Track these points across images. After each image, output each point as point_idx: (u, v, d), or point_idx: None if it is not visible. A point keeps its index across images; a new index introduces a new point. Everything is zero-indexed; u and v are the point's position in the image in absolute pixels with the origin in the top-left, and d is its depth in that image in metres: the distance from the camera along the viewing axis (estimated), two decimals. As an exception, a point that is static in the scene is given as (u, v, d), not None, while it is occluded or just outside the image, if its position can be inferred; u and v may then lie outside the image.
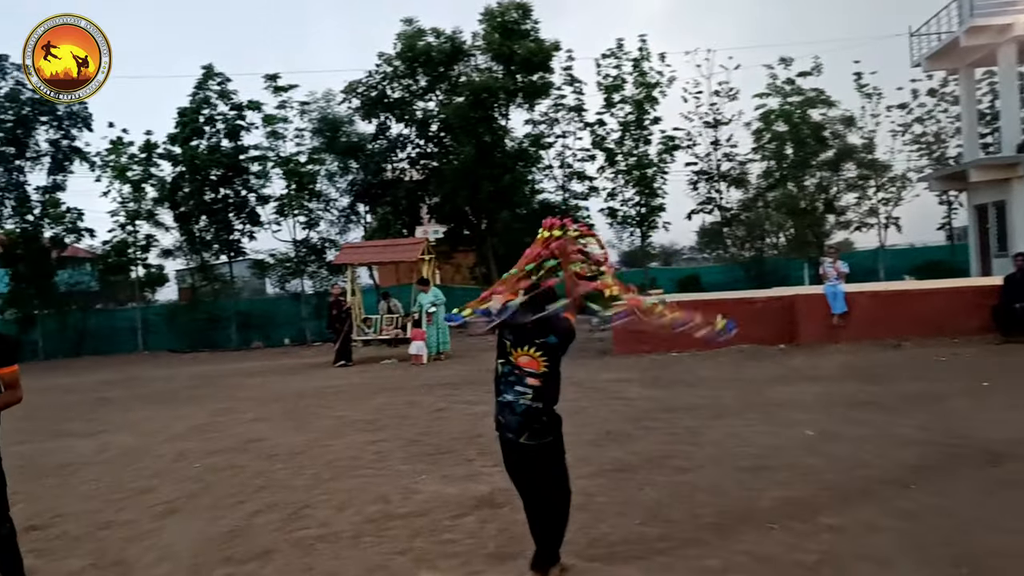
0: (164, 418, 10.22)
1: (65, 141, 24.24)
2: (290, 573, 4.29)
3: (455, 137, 23.60)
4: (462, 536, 4.69)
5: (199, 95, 23.97)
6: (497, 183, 22.80)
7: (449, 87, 24.03)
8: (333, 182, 24.89)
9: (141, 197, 24.28)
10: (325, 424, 8.90)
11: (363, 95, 24.21)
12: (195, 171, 23.68)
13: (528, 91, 23.71)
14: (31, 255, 23.75)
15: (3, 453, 4.05)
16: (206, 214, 24.27)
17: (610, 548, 4.34)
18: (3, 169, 23.78)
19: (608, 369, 12.07)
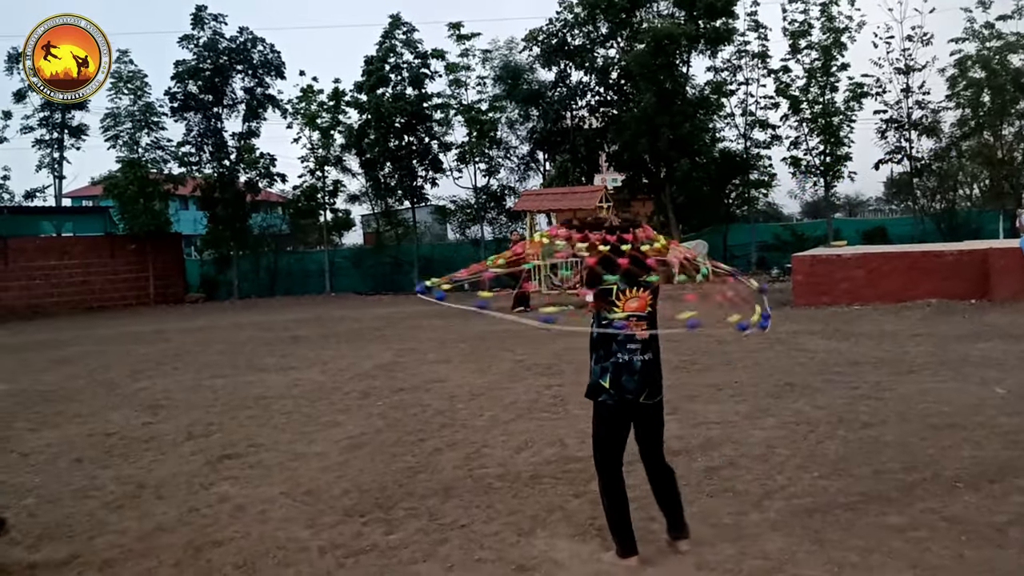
0: (351, 357, 13.90)
1: (259, 89, 34.56)
2: (470, 510, 5.74)
3: (635, 85, 31.99)
4: (638, 481, 5.56)
5: (386, 44, 33.65)
6: (677, 131, 30.98)
7: (630, 34, 32.40)
8: (513, 130, 34.35)
9: (329, 144, 34.37)
10: (504, 367, 11.85)
11: (544, 43, 33.10)
12: (380, 119, 33.29)
13: (711, 37, 31.49)
14: (227, 199, 34.27)
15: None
16: (390, 161, 34.05)
17: (788, 500, 5.63)
18: (202, 116, 34.21)
19: (788, 320, 15.44)
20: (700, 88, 32.56)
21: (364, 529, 5.62)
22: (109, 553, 5.43)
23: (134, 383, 12.55)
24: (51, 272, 31.07)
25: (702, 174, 32.00)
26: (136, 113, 32.51)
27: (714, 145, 32.91)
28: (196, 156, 34.22)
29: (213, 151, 34.40)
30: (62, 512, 6.34)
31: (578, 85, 33.65)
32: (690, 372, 10.80)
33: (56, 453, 8.27)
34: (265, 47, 34.56)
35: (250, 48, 34.26)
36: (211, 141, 34.38)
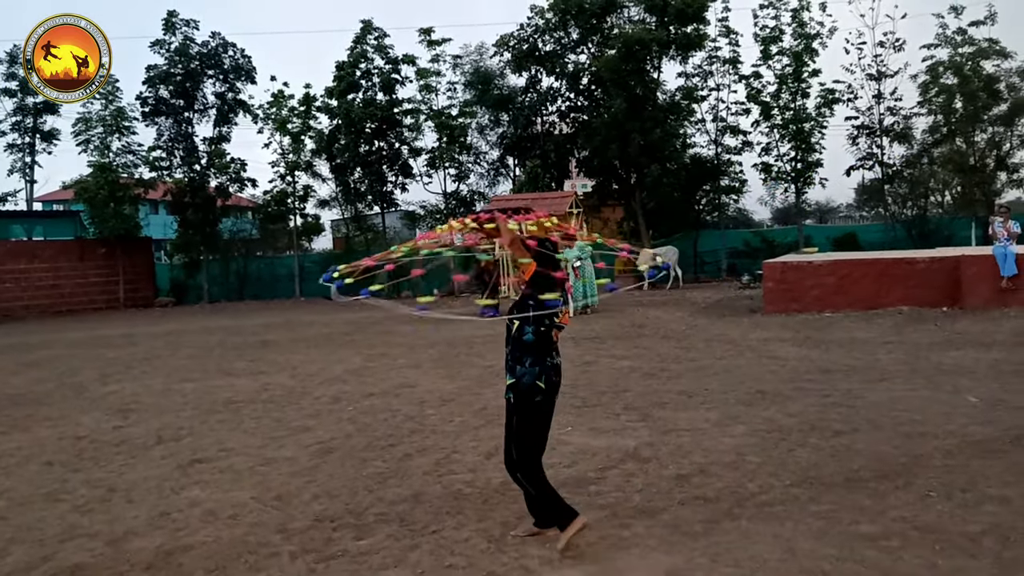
0: (321, 361, 13.96)
1: (230, 94, 34.38)
2: (440, 516, 5.77)
3: (606, 90, 32.15)
4: (609, 489, 6.06)
5: (357, 49, 33.58)
6: (647, 137, 31.14)
7: (601, 39, 32.61)
8: (483, 135, 34.38)
9: (300, 149, 34.23)
10: (474, 373, 11.91)
11: (515, 48, 33.16)
12: (351, 124, 33.20)
13: (682, 43, 31.69)
14: (198, 203, 34.03)
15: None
16: (361, 166, 33.97)
17: (759, 508, 5.64)
18: (173, 121, 34.00)
19: (759, 328, 15.64)
20: (671, 94, 32.79)
21: (335, 534, 5.61)
22: (80, 557, 5.40)
23: (104, 387, 12.47)
24: (21, 276, 30.74)
25: (672, 180, 32.13)
26: (107, 118, 32.30)
27: (685, 151, 33.07)
28: (167, 161, 34.09)
29: (184, 156, 34.22)
30: (33, 516, 6.30)
31: (548, 91, 33.79)
32: (660, 379, 10.84)
33: (26, 456, 8.21)
34: (236, 52, 34.42)
35: (221, 53, 34.12)
36: (182, 146, 34.22)
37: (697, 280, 31.17)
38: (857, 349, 12.61)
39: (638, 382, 10.67)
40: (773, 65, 31.73)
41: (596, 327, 17.43)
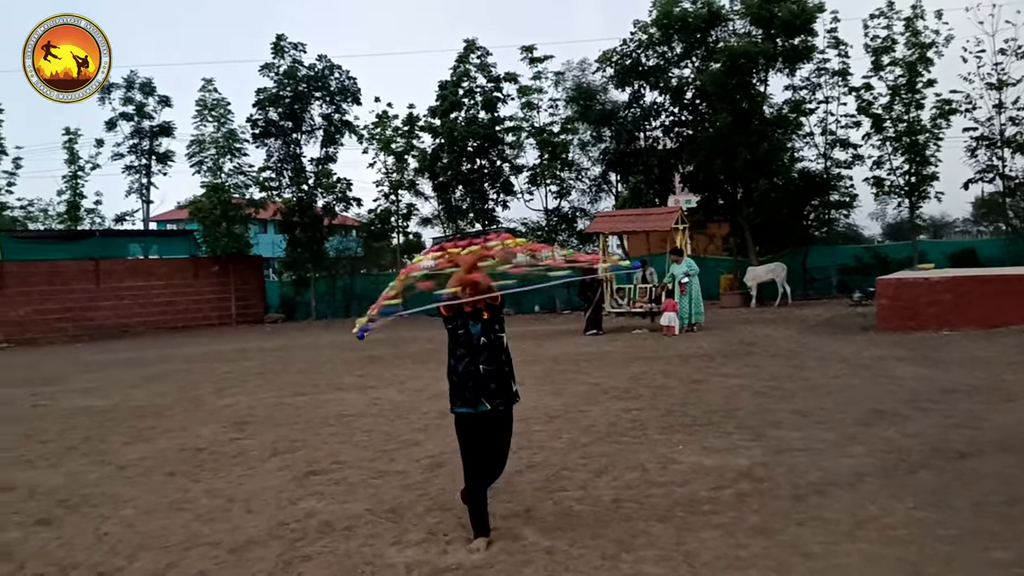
0: (427, 377, 14.01)
1: (337, 115, 35.30)
2: (552, 532, 5.75)
3: (710, 104, 31.86)
4: (723, 508, 6.04)
5: (460, 68, 34.07)
6: (754, 151, 30.76)
7: (705, 53, 32.34)
8: (585, 151, 34.37)
9: (403, 168, 34.90)
10: (580, 390, 11.89)
11: (617, 64, 33.14)
12: (453, 142, 33.64)
13: (789, 55, 31.20)
14: (305, 222, 34.97)
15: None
16: (462, 184, 34.38)
17: (881, 531, 5.48)
18: (282, 142, 35.06)
19: (873, 346, 15.39)
20: (778, 107, 32.21)
21: (448, 548, 5.69)
22: (203, 564, 5.60)
23: (220, 400, 12.90)
24: (139, 292, 32.04)
25: (780, 195, 31.54)
26: (219, 140, 33.55)
27: (792, 165, 32.46)
28: (276, 181, 35.16)
29: (292, 176, 35.18)
30: (158, 523, 6.55)
31: (652, 105, 33.61)
32: (772, 398, 10.67)
33: (150, 467, 8.55)
34: (342, 74, 35.31)
35: (328, 75, 35.02)
36: (290, 166, 35.19)
37: (807, 297, 30.53)
38: (979, 368, 12.16)
39: (749, 401, 10.52)
40: (885, 76, 30.97)
41: (704, 344, 17.29)
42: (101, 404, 13.06)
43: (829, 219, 33.32)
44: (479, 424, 5.73)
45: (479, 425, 5.73)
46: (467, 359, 5.70)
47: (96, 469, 8.55)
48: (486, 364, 5.69)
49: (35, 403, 13.53)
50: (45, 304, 29.86)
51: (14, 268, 29.49)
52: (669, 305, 20.62)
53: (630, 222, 25.55)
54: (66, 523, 6.69)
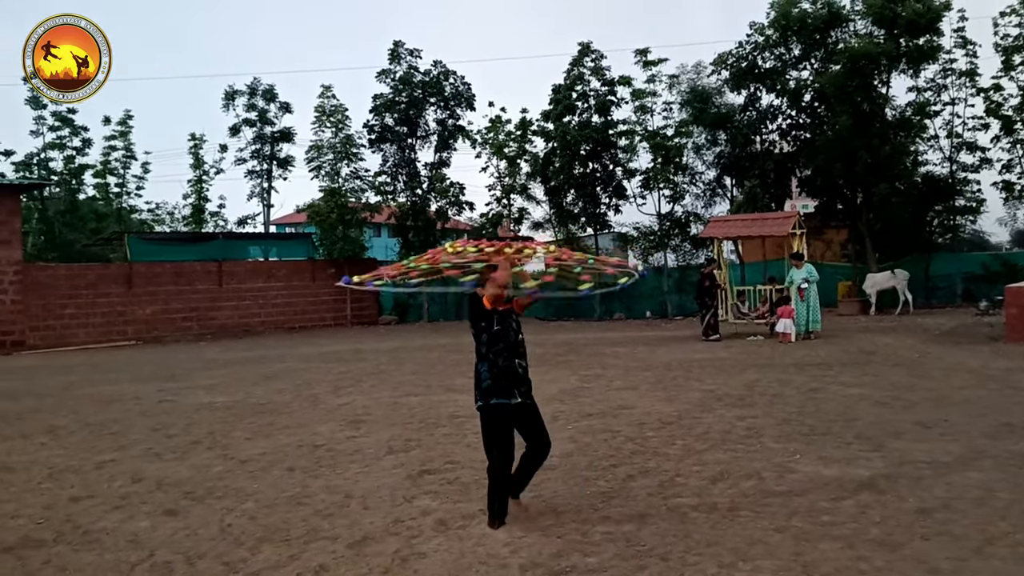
0: (536, 381, 14.93)
1: (451, 120, 35.82)
2: (667, 538, 5.71)
3: (829, 107, 31.06)
4: (843, 519, 5.88)
5: (573, 72, 34.12)
6: (875, 155, 29.85)
7: (824, 55, 31.60)
8: (700, 155, 33.96)
9: (516, 172, 35.14)
10: (694, 396, 11.82)
11: (733, 66, 32.63)
12: (566, 146, 33.67)
13: (913, 56, 30.13)
14: (419, 226, 35.56)
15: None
16: (574, 188, 34.38)
17: (1013, 549, 5.30)
18: (397, 147, 35.79)
19: (1001, 357, 14.99)
20: (901, 109, 31.22)
21: (563, 550, 5.69)
22: (323, 558, 5.74)
23: (336, 399, 13.20)
24: (259, 293, 33.09)
25: (902, 200, 30.55)
26: (337, 145, 34.42)
27: (916, 169, 31.45)
28: (391, 185, 35.95)
29: (407, 180, 35.89)
30: (279, 517, 6.75)
31: (768, 108, 32.99)
32: (893, 408, 10.36)
33: (270, 462, 8.81)
34: (456, 79, 35.80)
35: (442, 81, 35.57)
36: (405, 171, 35.91)
37: (929, 306, 29.43)
38: (1123, 381, 11.64)
39: (869, 411, 10.24)
40: (1016, 76, 29.80)
41: (821, 353, 16.92)
42: (223, 400, 13.52)
43: (954, 225, 32.16)
44: (512, 414, 6.20)
45: (512, 415, 6.21)
46: (505, 354, 6.18)
47: (219, 463, 8.86)
48: (521, 359, 6.30)
49: (162, 399, 14.07)
50: (171, 304, 31.10)
51: (142, 269, 30.79)
52: (785, 312, 20.22)
53: (746, 227, 24.98)
54: (192, 514, 6.95)
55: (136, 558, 5.90)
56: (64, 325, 28.49)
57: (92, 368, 20.30)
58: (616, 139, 34.10)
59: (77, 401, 14.12)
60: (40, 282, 28.23)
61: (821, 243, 32.88)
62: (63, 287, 28.74)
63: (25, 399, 14.68)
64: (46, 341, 27.58)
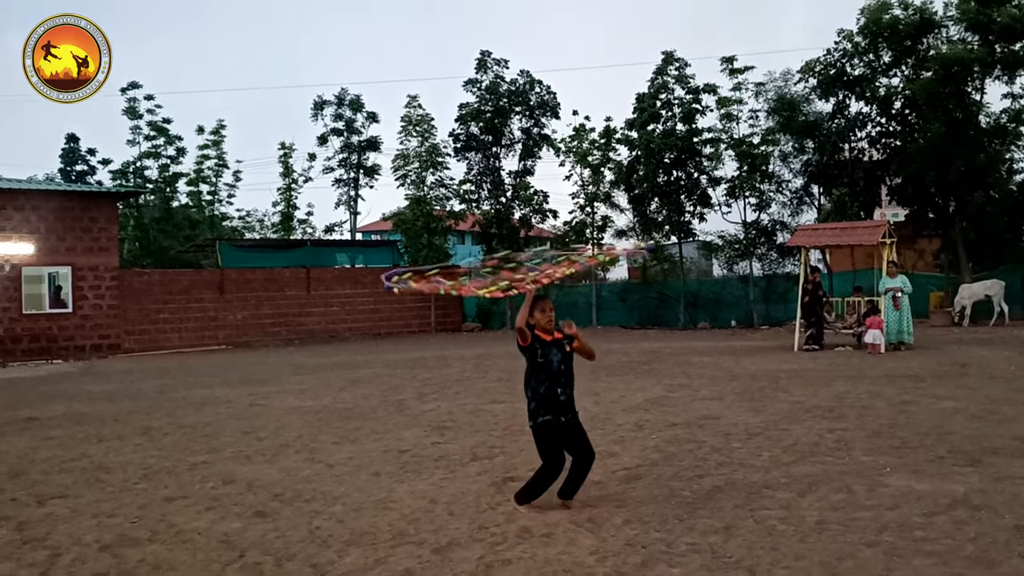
0: (622, 389, 14.11)
1: (535, 129, 35.96)
2: (754, 551, 5.62)
3: (920, 114, 30.35)
4: (937, 535, 5.71)
5: (658, 80, 33.92)
6: (969, 162, 29.06)
7: (916, 61, 30.85)
8: (786, 163, 33.42)
9: (599, 180, 35.07)
10: (781, 407, 11.58)
11: (821, 74, 32.07)
12: (650, 154, 33.50)
13: (1007, 62, 29.16)
14: (503, 234, 35.73)
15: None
16: (659, 196, 34.16)
17: None
18: (481, 155, 36.08)
19: None
20: (995, 116, 30.33)
21: (648, 560, 5.62)
22: (409, 563, 5.77)
23: (421, 404, 13.33)
24: (346, 300, 33.65)
25: (997, 208, 29.61)
26: (423, 154, 34.84)
27: (1011, 177, 30.54)
28: (475, 193, 36.22)
29: (491, 188, 36.13)
30: (366, 521, 6.81)
31: (857, 116, 32.34)
32: (989, 422, 10.01)
33: (357, 466, 8.92)
34: (542, 89, 35.93)
35: (528, 90, 35.73)
36: (489, 179, 36.17)
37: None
38: None
39: (964, 425, 9.91)
40: (1115, 82, 28.60)
41: (913, 364, 16.50)
42: (311, 405, 13.76)
43: (1051, 235, 31.05)
44: (559, 430, 6.72)
45: (559, 431, 6.72)
46: (547, 383, 6.67)
47: (307, 466, 9.00)
48: (564, 388, 6.72)
49: (252, 402, 14.40)
50: (261, 309, 31.83)
51: (233, 275, 31.58)
52: (875, 322, 19.71)
53: (835, 236, 24.41)
54: (281, 516, 7.06)
55: (228, 558, 6.02)
56: (158, 329, 29.40)
57: (185, 372, 20.89)
58: (701, 147, 33.78)
59: (171, 404, 14.54)
60: (135, 287, 29.19)
61: (913, 252, 32.02)
62: (157, 292, 29.68)
63: (121, 401, 15.18)
64: (141, 345, 28.50)
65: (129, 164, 38.22)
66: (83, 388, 17.86)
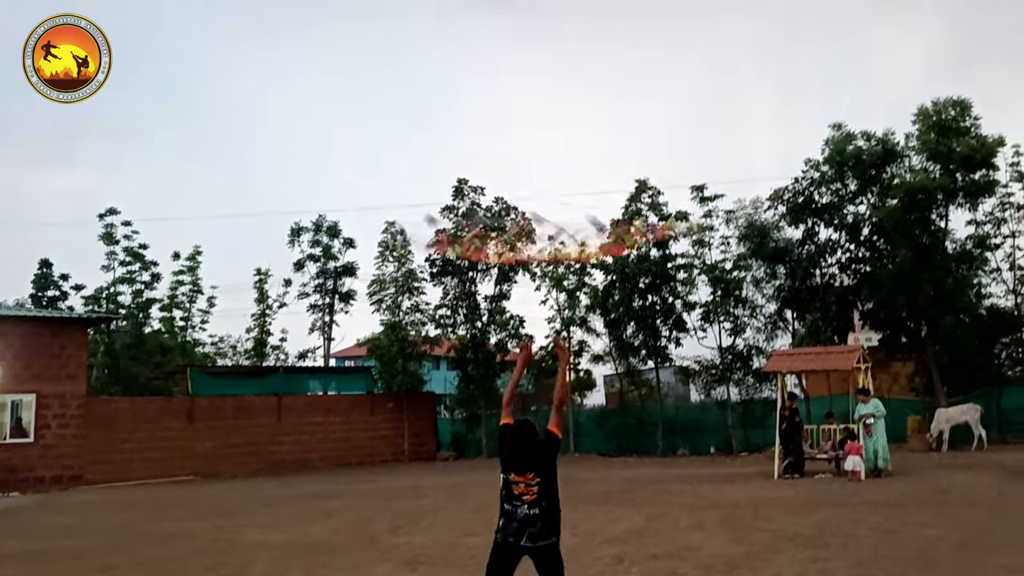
0: (601, 519, 13.92)
1: (511, 254, 36.22)
2: None
3: (888, 240, 30.92)
4: None
5: (631, 207, 34.46)
6: (938, 287, 29.43)
7: (881, 190, 31.57)
8: (760, 288, 33.72)
9: (575, 304, 35.19)
10: (763, 537, 11.52)
11: (790, 201, 32.77)
12: (625, 280, 33.73)
13: (969, 190, 29.93)
14: (478, 359, 35.59)
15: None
16: (634, 321, 34.21)
17: None
18: (457, 280, 36.18)
19: None
20: (961, 242, 30.96)
21: None
22: None
23: (394, 538, 12.93)
24: (318, 428, 33.10)
25: (968, 332, 29.93)
26: (399, 279, 34.95)
27: (980, 301, 30.95)
28: (451, 318, 36.19)
29: (467, 313, 36.15)
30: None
31: (827, 242, 32.85)
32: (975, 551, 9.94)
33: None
34: (518, 215, 36.26)
35: (504, 216, 36.08)
36: (465, 304, 36.17)
37: (1004, 441, 28.31)
38: None
39: (949, 554, 9.79)
40: (1075, 213, 29.43)
41: (894, 491, 16.34)
42: (280, 539, 13.34)
43: (1023, 358, 31.25)
44: (509, 556, 5.95)
45: (508, 558, 5.95)
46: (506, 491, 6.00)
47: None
48: (532, 506, 5.94)
49: (218, 536, 13.94)
50: (231, 438, 31.16)
51: (203, 403, 31.07)
52: (853, 448, 19.57)
53: (810, 361, 24.54)
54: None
55: None
56: (124, 459, 28.54)
57: (150, 504, 20.30)
58: (675, 272, 34.09)
59: (133, 539, 14.04)
60: (103, 416, 28.53)
61: (887, 376, 32.11)
62: (125, 421, 29.04)
63: (81, 536, 14.65)
64: (105, 476, 27.55)
65: (102, 290, 37.99)
66: (41, 523, 17.27)
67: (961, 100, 30.27)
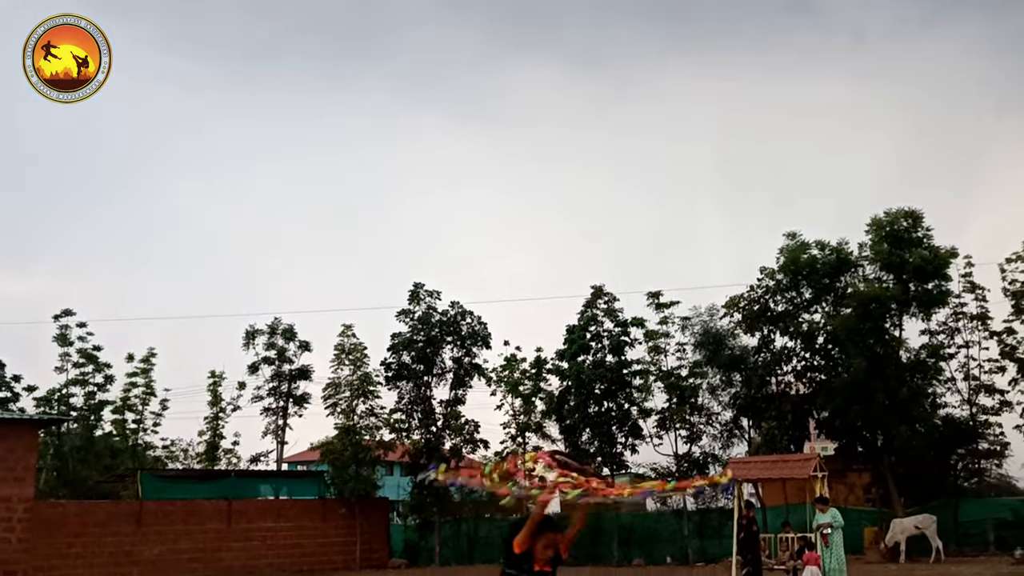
0: None
1: (467, 359, 36.06)
2: None
3: (843, 349, 31.24)
4: None
5: (587, 313, 34.65)
6: (893, 397, 29.63)
7: (835, 298, 32.07)
8: (715, 395, 33.76)
9: (531, 410, 34.98)
10: None
11: (745, 309, 33.16)
12: (581, 385, 33.62)
13: (922, 300, 30.45)
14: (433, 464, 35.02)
15: None
16: (590, 427, 33.98)
17: None
18: (413, 384, 35.85)
19: None
20: (915, 351, 31.32)
21: None
22: None
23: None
24: (268, 534, 32.13)
25: (924, 442, 30.06)
26: (355, 382, 34.56)
27: (935, 411, 31.11)
28: (406, 423, 35.71)
29: (422, 418, 35.75)
30: None
31: (782, 350, 33.18)
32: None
33: None
34: (473, 319, 36.37)
35: (459, 320, 36.15)
36: (420, 408, 35.81)
37: (961, 553, 28.18)
38: None
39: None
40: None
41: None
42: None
43: (979, 469, 31.46)
44: None
45: None
46: None
47: None
48: None
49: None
50: (179, 543, 30.15)
51: (152, 507, 30.15)
52: (811, 559, 19.27)
53: (766, 469, 24.51)
54: None
55: None
56: (69, 565, 27.58)
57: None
58: (631, 378, 34.16)
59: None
60: (49, 520, 27.57)
61: (844, 486, 32.04)
62: (72, 525, 28.12)
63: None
64: (48, 582, 26.51)
65: (55, 391, 37.07)
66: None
67: (912, 211, 31.03)
